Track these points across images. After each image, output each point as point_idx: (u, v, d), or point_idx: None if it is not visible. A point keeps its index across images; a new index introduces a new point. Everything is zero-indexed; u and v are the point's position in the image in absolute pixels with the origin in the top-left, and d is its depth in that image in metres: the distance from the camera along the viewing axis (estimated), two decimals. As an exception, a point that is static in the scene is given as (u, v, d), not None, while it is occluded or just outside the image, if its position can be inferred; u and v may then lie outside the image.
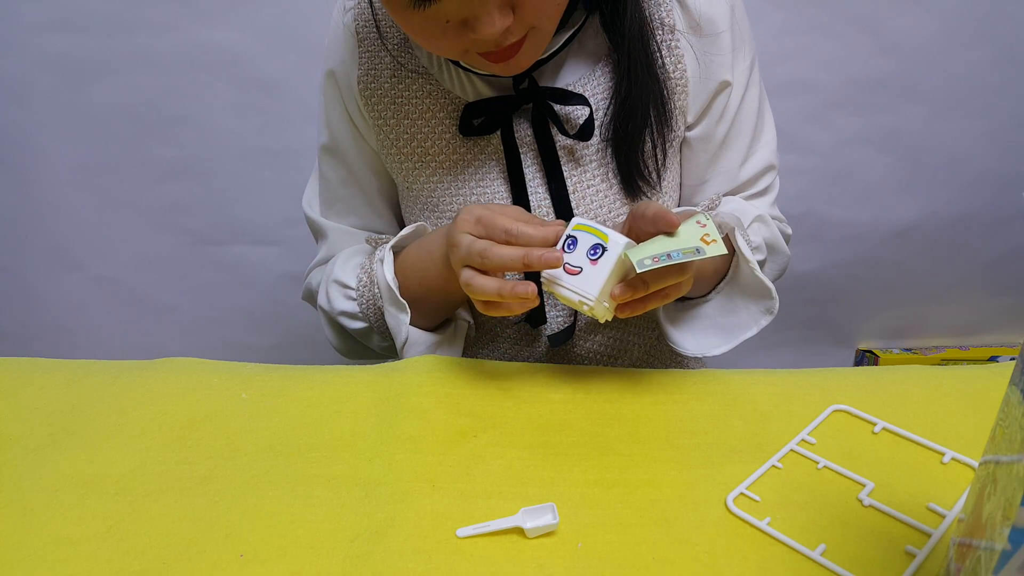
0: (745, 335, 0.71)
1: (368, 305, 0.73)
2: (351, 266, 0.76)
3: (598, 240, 0.56)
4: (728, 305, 0.72)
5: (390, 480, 0.54)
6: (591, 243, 0.56)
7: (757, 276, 0.67)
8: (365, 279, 0.73)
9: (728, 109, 0.74)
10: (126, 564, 0.47)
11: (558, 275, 0.57)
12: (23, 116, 1.33)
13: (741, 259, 0.68)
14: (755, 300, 0.70)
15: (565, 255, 0.56)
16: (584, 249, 0.56)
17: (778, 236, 0.77)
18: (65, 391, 0.65)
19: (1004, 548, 0.31)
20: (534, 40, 0.61)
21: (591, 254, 0.56)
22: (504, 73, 0.65)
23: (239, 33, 1.26)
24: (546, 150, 0.71)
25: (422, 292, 0.70)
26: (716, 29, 0.70)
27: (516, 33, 0.59)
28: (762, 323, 0.70)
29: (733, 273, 0.71)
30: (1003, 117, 1.35)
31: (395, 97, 0.73)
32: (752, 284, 0.69)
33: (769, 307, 0.70)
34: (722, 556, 0.47)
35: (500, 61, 0.61)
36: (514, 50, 0.61)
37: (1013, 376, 0.36)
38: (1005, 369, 0.66)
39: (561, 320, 0.77)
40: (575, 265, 0.56)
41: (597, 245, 0.55)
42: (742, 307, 0.71)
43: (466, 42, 0.59)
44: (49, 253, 1.47)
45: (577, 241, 0.57)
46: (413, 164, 0.75)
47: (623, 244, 0.55)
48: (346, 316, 0.76)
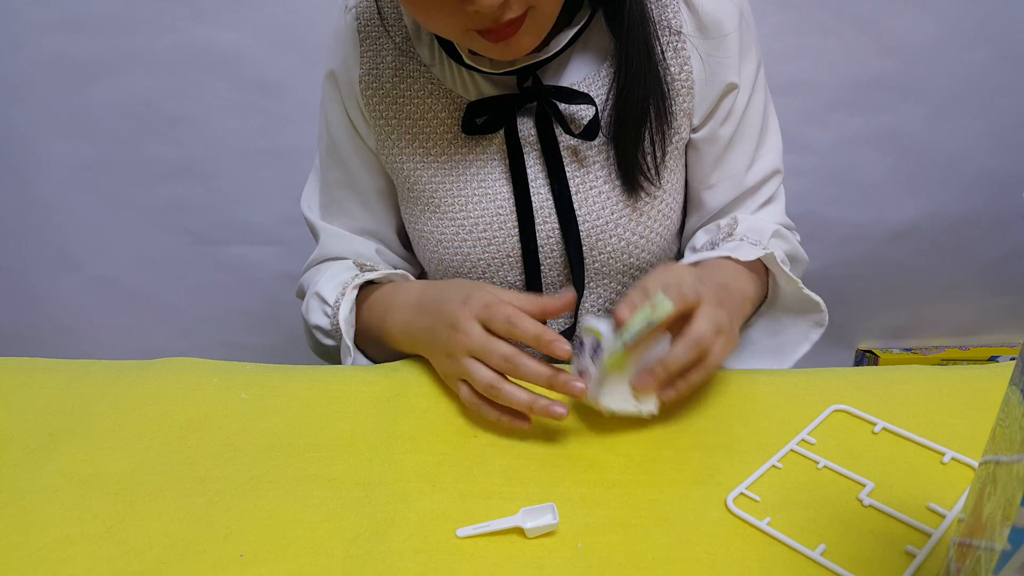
0: (798, 352, 0.71)
1: (336, 327, 0.73)
2: (335, 283, 0.76)
3: (594, 338, 0.54)
4: (775, 326, 0.71)
5: (390, 480, 0.54)
6: (591, 343, 0.54)
7: (804, 293, 0.67)
8: (340, 300, 0.73)
9: (734, 111, 0.74)
10: (126, 564, 0.47)
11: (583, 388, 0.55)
12: (23, 116, 1.33)
13: (781, 280, 0.68)
14: (802, 316, 0.70)
15: (576, 361, 0.55)
16: (588, 350, 0.55)
17: (797, 246, 0.77)
18: (65, 391, 0.65)
19: (1004, 548, 0.31)
20: (534, 21, 0.60)
21: (593, 355, 0.54)
22: (503, 57, 0.63)
23: (239, 33, 1.26)
24: (549, 149, 0.70)
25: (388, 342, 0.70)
26: (723, 31, 0.70)
27: (515, 9, 0.57)
28: (812, 337, 0.70)
29: (772, 296, 0.71)
30: (1003, 117, 1.35)
31: (397, 96, 0.73)
32: (796, 301, 0.69)
33: (819, 320, 0.70)
34: (722, 556, 0.47)
35: (499, 41, 0.60)
36: (513, 30, 0.59)
37: (1013, 376, 0.36)
38: (1005, 369, 0.66)
39: (562, 321, 0.77)
40: (582, 368, 0.55)
41: (596, 344, 0.54)
42: (789, 325, 0.71)
43: (465, 17, 0.57)
44: (49, 253, 1.47)
45: (584, 345, 0.55)
46: (415, 163, 0.75)
47: (613, 342, 0.53)
48: (319, 331, 0.77)
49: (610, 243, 0.73)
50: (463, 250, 0.74)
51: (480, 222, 0.73)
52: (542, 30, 0.62)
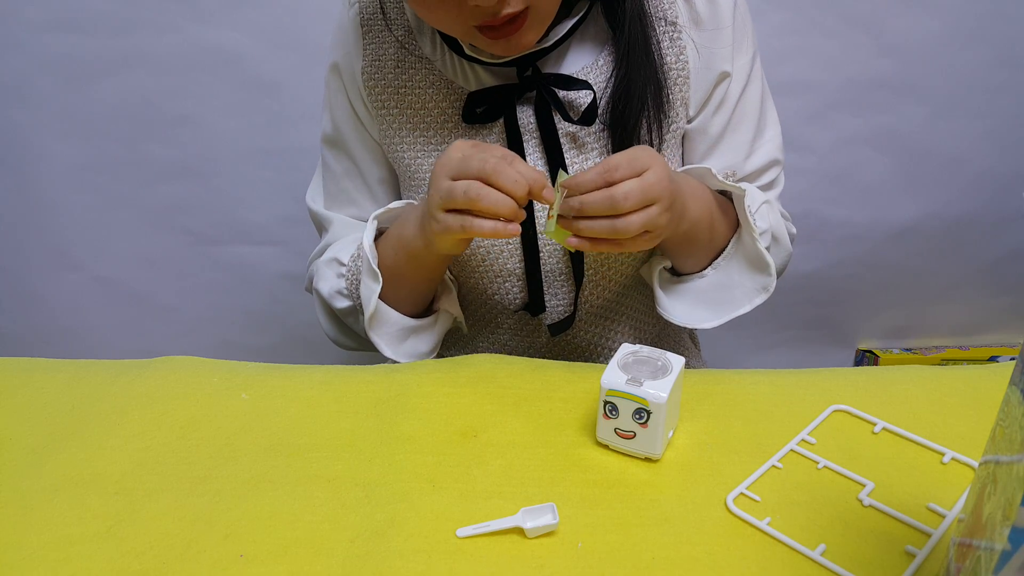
0: (737, 312, 0.71)
1: (353, 280, 0.74)
2: (349, 242, 0.77)
3: (639, 405, 0.53)
4: (724, 281, 0.71)
5: (390, 480, 0.54)
6: (633, 408, 0.53)
7: (759, 248, 0.67)
8: (355, 252, 0.74)
9: (727, 101, 0.74)
10: (126, 564, 0.47)
11: (613, 440, 0.56)
12: (23, 116, 1.33)
13: (744, 228, 0.68)
14: (752, 274, 0.70)
15: (611, 421, 0.55)
16: (628, 414, 0.54)
17: (783, 227, 0.77)
18: (65, 391, 0.65)
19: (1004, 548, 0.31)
20: (535, 19, 0.62)
21: (638, 419, 0.54)
22: (505, 54, 0.65)
23: (239, 33, 1.26)
24: (548, 136, 0.71)
25: (401, 259, 0.70)
26: (718, 23, 0.71)
27: (514, 4, 0.59)
28: (756, 301, 0.70)
29: (735, 246, 0.71)
30: (1003, 117, 1.35)
31: (399, 87, 0.74)
32: (752, 255, 0.69)
33: (765, 284, 0.69)
34: (722, 556, 0.47)
35: (501, 38, 0.62)
36: (514, 28, 0.61)
37: (1013, 376, 0.36)
38: (1005, 369, 0.66)
39: (561, 310, 0.78)
40: (626, 430, 0.55)
41: (640, 410, 0.53)
42: (738, 283, 0.71)
43: (466, 12, 0.59)
44: (49, 253, 1.46)
45: (617, 408, 0.54)
46: (416, 152, 0.75)
47: (664, 402, 0.53)
48: (336, 295, 0.76)
49: None
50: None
51: None
52: (543, 26, 0.63)
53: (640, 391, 0.53)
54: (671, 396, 0.53)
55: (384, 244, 0.72)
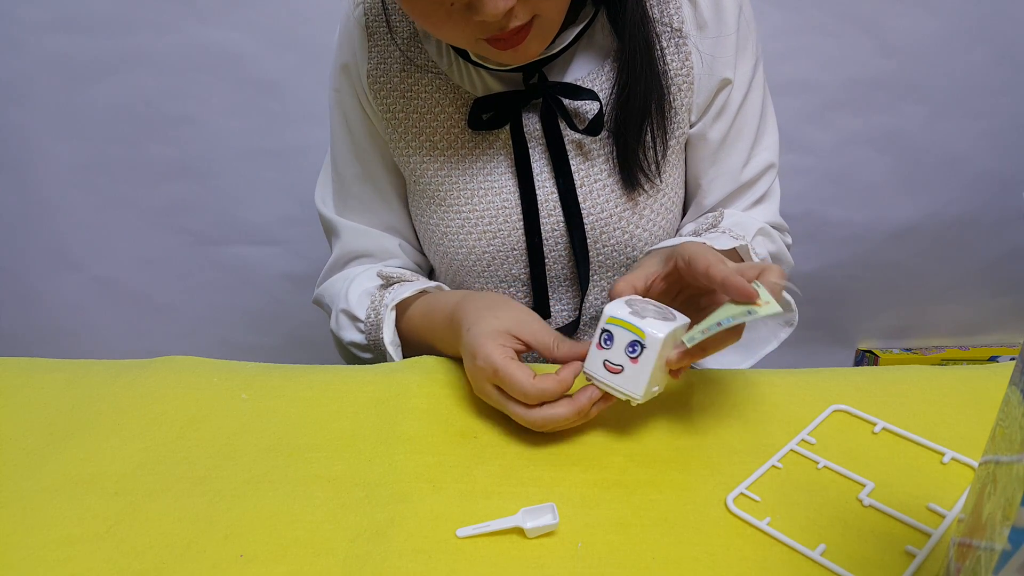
0: (765, 350, 0.73)
1: (375, 345, 0.74)
2: (361, 295, 0.76)
3: (635, 337, 0.53)
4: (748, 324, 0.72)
5: (390, 480, 0.54)
6: (628, 340, 0.54)
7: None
8: (373, 318, 0.74)
9: (728, 107, 0.74)
10: (126, 564, 0.47)
11: (599, 373, 0.55)
12: (23, 116, 1.33)
13: None
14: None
15: (604, 351, 0.55)
16: (622, 346, 0.54)
17: (782, 248, 0.78)
18: (65, 391, 0.65)
19: (1004, 548, 0.31)
20: (540, 29, 0.61)
21: (630, 352, 0.54)
22: (512, 63, 0.65)
23: (239, 33, 1.26)
24: (554, 144, 0.71)
25: (423, 346, 0.72)
26: (722, 28, 0.71)
27: (521, 17, 0.58)
28: (781, 336, 0.72)
29: None
30: (1003, 117, 1.35)
31: (404, 91, 0.74)
32: None
33: (789, 320, 0.71)
34: (722, 556, 0.47)
35: (507, 48, 0.61)
36: (521, 38, 0.60)
37: (1013, 376, 0.36)
38: (1005, 369, 0.66)
39: (566, 315, 0.78)
40: (616, 363, 0.54)
41: (635, 342, 0.53)
42: (761, 323, 0.71)
43: (472, 27, 0.59)
44: (49, 253, 1.47)
45: (613, 337, 0.54)
46: (421, 158, 0.75)
47: (661, 339, 0.53)
48: (355, 347, 0.77)
49: (614, 236, 0.74)
50: (468, 244, 0.75)
51: (485, 216, 0.74)
52: (549, 35, 0.63)
53: (640, 323, 0.53)
54: (668, 338, 0.53)
55: (406, 325, 0.73)
